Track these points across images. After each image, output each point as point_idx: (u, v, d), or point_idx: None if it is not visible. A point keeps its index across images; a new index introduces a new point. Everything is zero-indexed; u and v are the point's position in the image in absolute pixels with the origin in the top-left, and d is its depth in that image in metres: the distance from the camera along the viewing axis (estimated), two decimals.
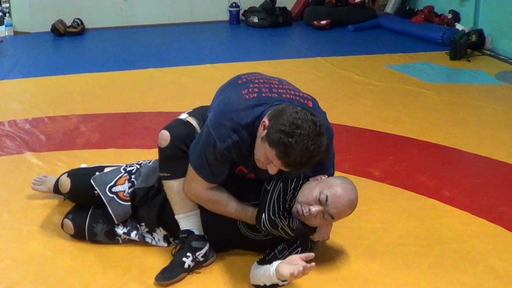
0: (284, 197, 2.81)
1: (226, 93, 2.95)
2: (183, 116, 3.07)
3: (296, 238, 2.90)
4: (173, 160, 2.93)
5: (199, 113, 3.06)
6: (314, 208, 2.76)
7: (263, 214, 2.82)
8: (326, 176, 2.89)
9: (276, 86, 2.91)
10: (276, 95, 2.82)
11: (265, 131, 2.60)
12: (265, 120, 2.63)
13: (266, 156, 2.63)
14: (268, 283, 2.74)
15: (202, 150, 2.79)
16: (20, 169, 4.14)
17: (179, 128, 2.96)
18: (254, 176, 2.93)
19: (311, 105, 2.86)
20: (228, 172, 2.89)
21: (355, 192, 2.82)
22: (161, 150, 2.95)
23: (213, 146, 2.73)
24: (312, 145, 2.52)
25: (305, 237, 2.91)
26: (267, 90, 2.85)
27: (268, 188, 2.84)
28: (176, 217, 3.00)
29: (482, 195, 3.80)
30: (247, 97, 2.80)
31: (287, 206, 2.82)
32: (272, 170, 2.65)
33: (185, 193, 2.94)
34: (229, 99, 2.85)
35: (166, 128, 2.97)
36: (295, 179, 2.83)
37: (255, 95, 2.81)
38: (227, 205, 2.90)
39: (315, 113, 2.65)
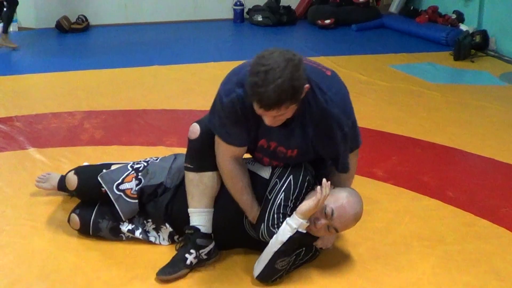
0: (284, 208, 2.80)
1: None
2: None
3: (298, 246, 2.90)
4: (199, 154, 2.93)
5: None
6: (319, 221, 2.76)
7: (262, 225, 2.81)
8: (333, 186, 2.85)
9: None
10: None
11: None
12: None
13: (255, 108, 2.54)
14: (286, 236, 2.72)
15: (215, 108, 2.79)
16: (24, 165, 4.15)
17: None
18: (275, 147, 2.85)
19: (329, 74, 2.80)
20: (251, 147, 2.87)
21: (361, 205, 2.82)
22: (190, 142, 2.95)
23: (220, 101, 2.72)
24: (279, 78, 2.41)
25: (306, 245, 2.92)
26: None
27: (270, 197, 2.83)
28: (190, 210, 2.99)
29: (485, 196, 3.80)
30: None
31: (287, 217, 2.80)
32: (267, 120, 2.57)
33: (216, 159, 2.91)
34: (246, 62, 2.79)
35: (198, 122, 2.95)
36: (297, 190, 2.82)
37: None
38: (243, 189, 2.89)
39: (292, 52, 2.55)
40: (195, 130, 2.92)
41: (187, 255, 2.94)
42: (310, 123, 2.74)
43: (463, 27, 8.25)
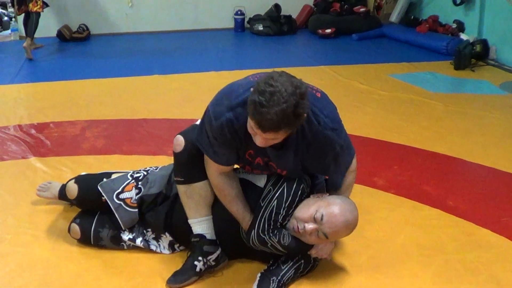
0: (276, 215, 2.80)
1: None
2: (199, 122, 3.06)
3: (290, 254, 2.91)
4: (187, 166, 2.94)
5: None
6: (309, 226, 2.75)
7: (253, 231, 2.82)
8: (328, 194, 2.88)
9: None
10: None
11: None
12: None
13: (250, 126, 2.53)
14: None
15: (203, 128, 2.79)
16: (25, 174, 4.16)
17: (194, 134, 2.94)
18: (262, 162, 2.86)
19: (319, 95, 2.78)
20: (240, 159, 2.86)
21: (354, 214, 2.80)
22: (176, 155, 2.96)
23: (209, 124, 2.72)
24: (284, 103, 2.38)
25: (299, 253, 2.92)
26: None
27: (262, 204, 2.84)
28: (189, 221, 3.01)
29: (486, 205, 3.81)
30: (251, 79, 2.77)
31: (278, 225, 2.82)
32: (258, 141, 2.54)
33: (206, 170, 2.92)
34: (234, 82, 2.83)
35: (181, 133, 2.97)
36: (290, 198, 2.82)
37: (259, 77, 2.72)
38: (232, 201, 2.90)
39: (299, 79, 2.53)
40: (179, 142, 2.93)
41: (196, 263, 2.95)
42: (303, 145, 2.74)
43: (463, 36, 8.26)
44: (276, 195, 2.82)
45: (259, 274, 2.91)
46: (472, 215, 3.66)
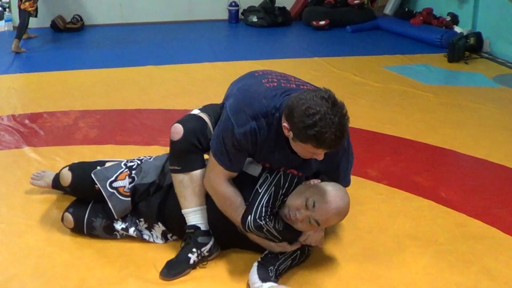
0: (273, 202, 2.82)
1: (244, 82, 2.97)
2: (195, 111, 3.07)
3: (283, 240, 2.91)
4: (185, 154, 2.94)
5: (210, 109, 3.06)
6: (301, 213, 2.77)
7: (249, 217, 2.82)
8: (319, 180, 2.89)
9: (292, 79, 2.95)
10: (294, 85, 2.85)
11: (290, 132, 2.62)
12: (285, 124, 2.64)
13: (307, 151, 2.64)
14: None
15: (220, 136, 2.80)
16: (18, 164, 4.15)
17: (192, 123, 2.96)
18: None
19: None
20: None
21: (346, 200, 2.81)
22: (173, 143, 2.95)
23: (231, 131, 2.75)
24: (335, 117, 2.51)
25: (292, 239, 2.92)
26: (285, 81, 2.88)
27: (260, 191, 2.84)
28: (183, 211, 3.01)
29: (478, 197, 3.82)
30: (267, 85, 2.83)
31: (274, 211, 2.84)
32: (320, 157, 2.66)
33: (204, 182, 2.94)
34: (250, 86, 2.88)
35: (179, 122, 2.97)
36: (287, 184, 2.84)
37: (275, 84, 2.84)
38: (237, 209, 2.88)
39: (318, 88, 2.64)
40: (178, 130, 2.93)
41: (190, 255, 2.95)
42: None
43: (457, 29, 8.28)
44: (274, 181, 2.84)
45: (255, 263, 2.90)
46: (464, 206, 3.67)
